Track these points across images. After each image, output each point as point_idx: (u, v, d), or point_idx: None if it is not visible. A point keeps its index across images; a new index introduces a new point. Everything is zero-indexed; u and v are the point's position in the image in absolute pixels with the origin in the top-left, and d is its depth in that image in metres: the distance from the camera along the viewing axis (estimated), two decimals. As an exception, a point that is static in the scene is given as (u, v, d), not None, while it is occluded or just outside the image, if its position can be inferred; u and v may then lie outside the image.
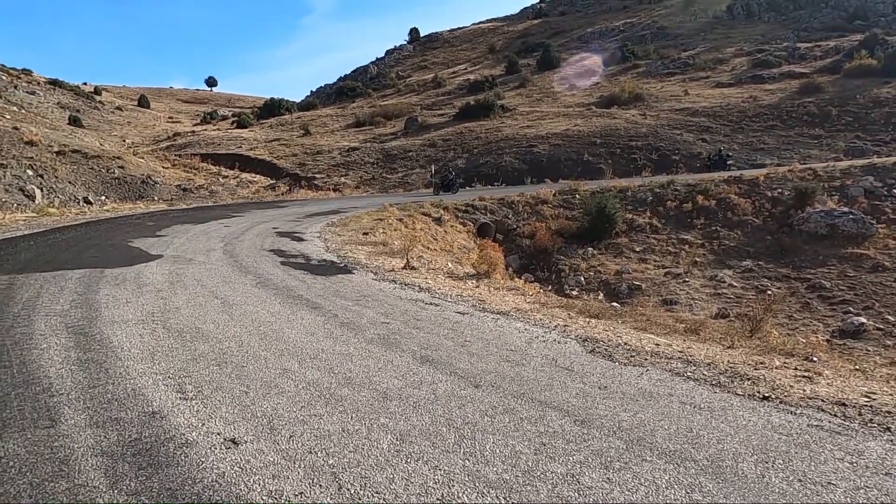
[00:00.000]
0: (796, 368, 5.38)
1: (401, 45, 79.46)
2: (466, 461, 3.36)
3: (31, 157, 26.48)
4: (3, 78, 55.17)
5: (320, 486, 3.08)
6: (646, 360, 5.44)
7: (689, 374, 5.03)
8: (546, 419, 3.97)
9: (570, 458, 3.42)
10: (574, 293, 16.63)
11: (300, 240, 13.52)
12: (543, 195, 24.04)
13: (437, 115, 44.93)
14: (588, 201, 22.11)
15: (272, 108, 57.33)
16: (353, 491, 3.03)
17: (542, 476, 3.22)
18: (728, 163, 30.21)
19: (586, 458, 3.44)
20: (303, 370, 4.85)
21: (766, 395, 4.52)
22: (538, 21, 75.48)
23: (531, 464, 3.35)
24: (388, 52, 78.57)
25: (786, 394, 4.57)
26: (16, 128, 32.37)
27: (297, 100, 67.17)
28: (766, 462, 3.41)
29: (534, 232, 21.39)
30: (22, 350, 5.16)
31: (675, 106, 38.39)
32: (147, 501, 2.89)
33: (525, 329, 6.54)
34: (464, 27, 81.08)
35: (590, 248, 20.27)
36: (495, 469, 3.28)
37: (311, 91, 77.47)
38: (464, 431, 3.75)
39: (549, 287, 17.09)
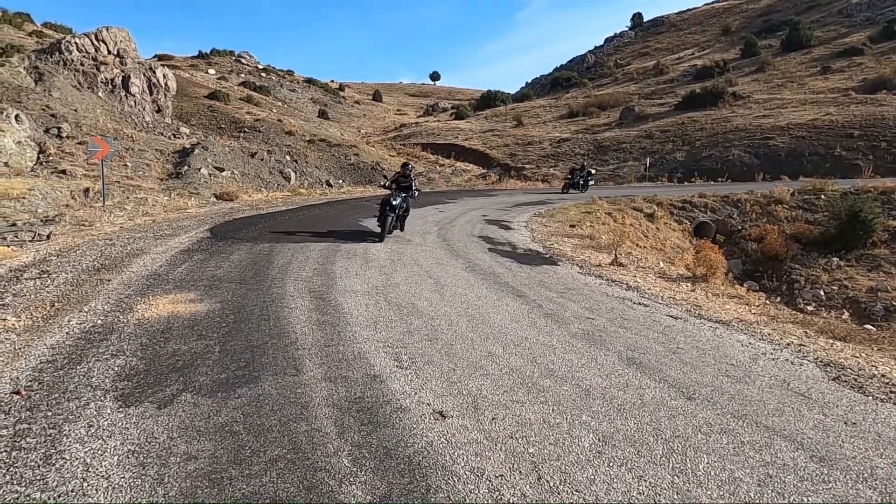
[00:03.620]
0: None
1: (621, 32, 76.09)
2: (676, 478, 3.11)
3: (289, 145, 31.26)
4: (273, 78, 65.82)
5: (520, 472, 3.11)
6: (912, 399, 4.46)
7: (977, 425, 4.01)
8: (773, 448, 3.49)
9: (805, 500, 2.96)
10: (810, 308, 14.39)
11: (507, 228, 13.83)
12: (778, 194, 21.17)
13: (656, 104, 42.20)
14: (837, 203, 18.86)
15: (488, 101, 59.42)
16: (552, 484, 3.01)
17: (766, 511, 2.84)
18: (590, 182, 25.59)
19: (825, 501, 2.94)
20: (506, 356, 4.95)
21: None
22: (786, -5, 66.03)
23: (753, 495, 2.97)
24: (607, 40, 75.83)
25: None
26: (279, 120, 38.43)
27: (512, 92, 68.60)
28: None
29: (763, 235, 18.99)
30: (277, 307, 6.12)
31: (972, 89, 30.69)
32: (367, 455, 3.22)
33: (749, 343, 5.84)
34: (694, 8, 74.57)
35: (835, 259, 17.33)
36: (709, 493, 2.98)
37: (526, 83, 78.45)
38: (673, 445, 3.47)
39: (778, 299, 15.03)
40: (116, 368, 4.34)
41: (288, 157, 27.82)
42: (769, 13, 60.42)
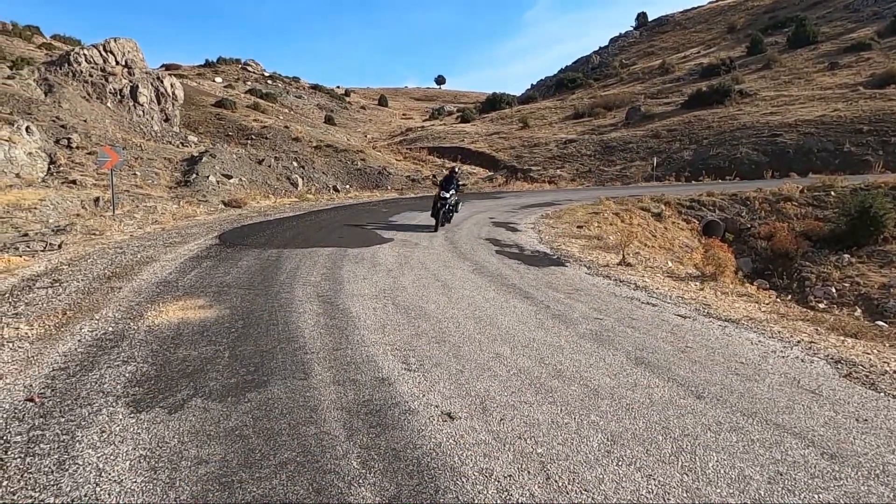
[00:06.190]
0: None
1: (626, 32, 75.87)
2: (685, 476, 3.10)
3: (296, 151, 31.43)
4: (280, 85, 66.24)
5: (528, 472, 3.12)
6: (925, 395, 4.43)
7: None
8: (784, 446, 3.47)
9: (816, 497, 2.94)
10: (821, 306, 14.28)
11: (514, 230, 13.83)
12: (787, 191, 21.03)
13: (662, 103, 42.06)
14: (847, 200, 18.72)
15: (493, 103, 59.43)
16: (560, 484, 3.01)
17: (776, 509, 2.83)
18: (458, 203, 14.72)
19: (836, 499, 2.93)
20: (514, 357, 4.95)
21: None
22: (792, -9, 65.62)
23: (763, 493, 2.96)
24: (612, 41, 75.64)
25: None
26: (286, 126, 38.64)
27: (518, 94, 68.59)
28: None
29: (772, 233, 18.86)
30: (286, 312, 6.16)
31: (983, 82, 30.33)
32: (376, 457, 3.23)
33: (759, 341, 5.81)
34: (699, 6, 74.24)
35: (846, 255, 17.18)
36: (719, 491, 2.97)
37: (532, 84, 78.34)
38: (682, 443, 3.46)
39: (789, 296, 14.91)
40: (128, 375, 4.38)
41: (295, 163, 27.97)
42: (775, 10, 60.09)
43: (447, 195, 13.39)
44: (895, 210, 17.89)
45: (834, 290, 15.67)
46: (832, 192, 20.35)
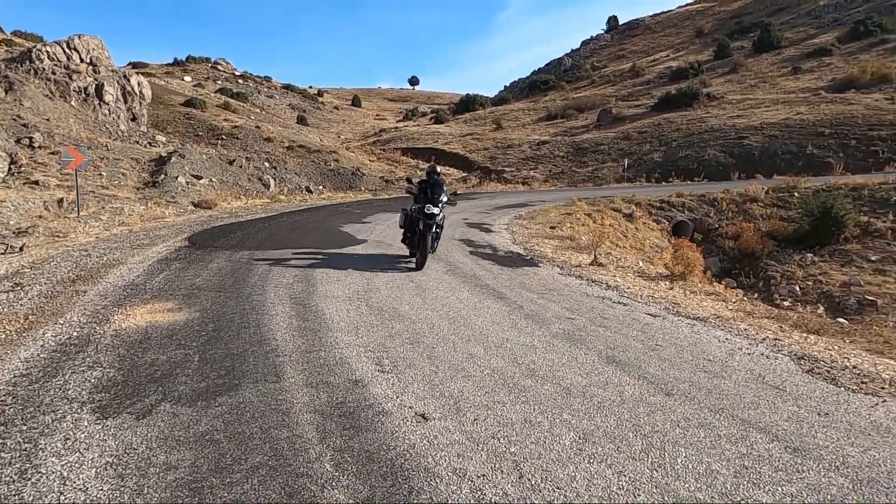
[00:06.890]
0: None
1: (597, 35, 76.84)
2: (654, 472, 3.16)
3: (268, 152, 31.06)
4: (251, 85, 65.33)
5: (502, 471, 3.14)
6: (882, 388, 4.59)
7: (943, 412, 4.13)
8: (749, 440, 3.56)
9: (779, 489, 3.03)
10: (786, 304, 14.66)
11: (488, 231, 13.89)
12: (753, 192, 21.58)
13: (632, 106, 42.73)
14: (810, 200, 19.28)
15: (467, 104, 59.55)
16: (533, 482, 3.04)
17: (742, 502, 2.90)
18: (441, 220, 9.25)
19: (799, 490, 3.02)
20: (488, 357, 4.98)
21: None
22: (757, -2, 67.27)
23: (730, 486, 3.04)
24: (584, 43, 76.54)
25: None
26: (258, 127, 38.15)
27: (491, 95, 68.87)
28: None
29: (739, 233, 19.32)
30: (257, 314, 6.08)
31: (936, 87, 31.54)
32: (350, 459, 3.22)
33: (726, 338, 5.95)
34: (668, 11, 75.66)
35: (809, 255, 17.70)
36: (687, 486, 3.03)
37: (505, 86, 78.77)
38: (652, 440, 3.53)
39: (755, 295, 15.29)
40: (93, 380, 4.28)
41: (267, 164, 27.63)
42: (741, 15, 61.58)
43: (435, 210, 8.62)
44: (855, 211, 18.50)
45: (798, 289, 16.12)
46: (796, 194, 20.93)
